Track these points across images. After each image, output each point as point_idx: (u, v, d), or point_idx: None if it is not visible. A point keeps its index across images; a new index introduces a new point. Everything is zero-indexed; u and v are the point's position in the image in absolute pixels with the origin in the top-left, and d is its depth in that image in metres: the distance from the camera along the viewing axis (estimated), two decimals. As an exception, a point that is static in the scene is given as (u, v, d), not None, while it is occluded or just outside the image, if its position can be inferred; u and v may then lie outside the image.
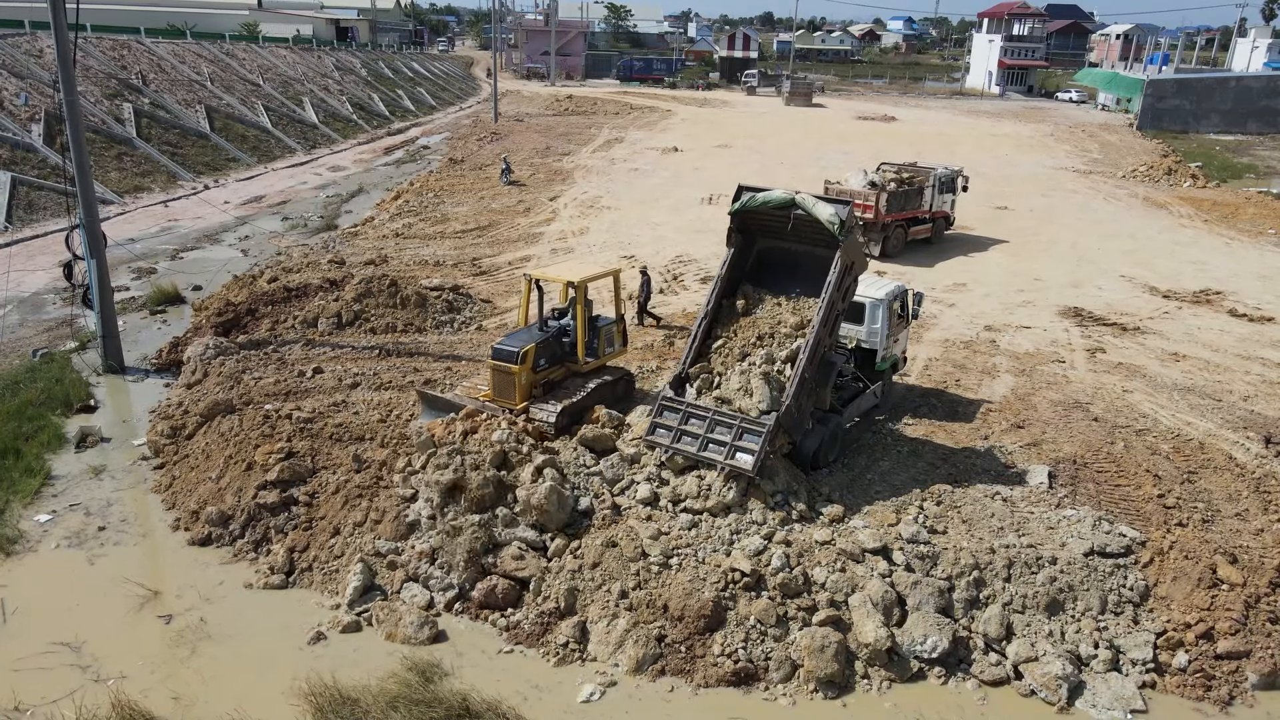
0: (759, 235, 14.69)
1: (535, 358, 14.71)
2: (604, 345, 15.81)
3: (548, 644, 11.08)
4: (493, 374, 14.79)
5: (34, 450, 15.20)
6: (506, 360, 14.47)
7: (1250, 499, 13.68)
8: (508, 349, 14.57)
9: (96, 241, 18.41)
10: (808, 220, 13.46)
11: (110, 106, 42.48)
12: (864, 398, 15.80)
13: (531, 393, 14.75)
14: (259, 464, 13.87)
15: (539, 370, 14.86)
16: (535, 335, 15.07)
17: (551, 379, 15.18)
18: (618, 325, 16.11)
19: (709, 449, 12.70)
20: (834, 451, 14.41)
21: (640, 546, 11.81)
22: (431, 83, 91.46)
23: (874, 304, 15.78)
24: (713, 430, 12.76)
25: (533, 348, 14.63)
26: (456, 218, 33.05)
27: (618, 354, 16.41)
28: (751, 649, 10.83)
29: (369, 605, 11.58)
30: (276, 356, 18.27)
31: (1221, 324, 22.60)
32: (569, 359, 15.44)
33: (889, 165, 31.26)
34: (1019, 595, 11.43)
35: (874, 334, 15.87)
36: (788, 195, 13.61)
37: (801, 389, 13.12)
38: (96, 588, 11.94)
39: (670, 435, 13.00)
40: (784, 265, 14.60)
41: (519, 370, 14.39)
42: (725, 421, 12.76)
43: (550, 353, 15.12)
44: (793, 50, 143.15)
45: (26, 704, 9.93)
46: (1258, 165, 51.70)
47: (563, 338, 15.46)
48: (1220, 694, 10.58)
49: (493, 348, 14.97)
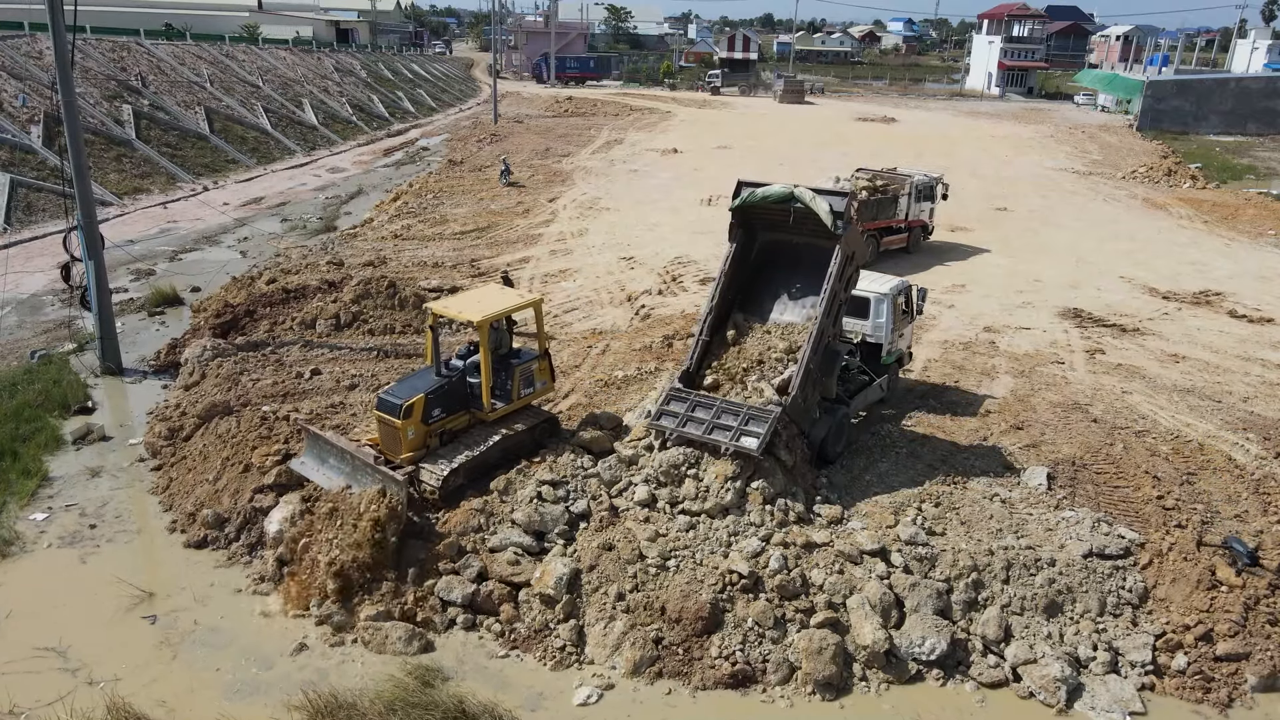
0: (761, 230, 14.86)
1: (426, 409, 12.81)
2: (519, 387, 13.73)
3: (544, 647, 11.06)
4: (379, 426, 13.04)
5: (31, 451, 15.18)
6: (390, 413, 12.64)
7: (1250, 500, 13.64)
8: (392, 400, 12.70)
9: (94, 243, 18.39)
10: (807, 213, 13.61)
11: (109, 108, 42.49)
12: (870, 390, 16.04)
13: (426, 443, 13.00)
14: (256, 466, 13.85)
15: (432, 421, 12.97)
16: (429, 382, 13.12)
17: (452, 428, 13.36)
18: (541, 361, 14.05)
19: (715, 433, 12.72)
20: (841, 443, 14.62)
21: (638, 548, 11.78)
22: (431, 84, 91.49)
23: (879, 299, 16.05)
24: (719, 417, 12.84)
25: (420, 399, 12.71)
26: (455, 219, 33.03)
27: (541, 394, 14.35)
28: (749, 651, 10.79)
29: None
30: (274, 358, 18.24)
31: (1221, 325, 22.56)
32: (476, 404, 13.54)
33: (863, 171, 30.32)
34: (1017, 597, 11.40)
35: (879, 328, 16.14)
36: (786, 189, 13.76)
37: (807, 379, 13.33)
38: (90, 589, 11.91)
39: (677, 420, 13.03)
40: (787, 258, 14.76)
41: (403, 425, 12.57)
42: (732, 410, 12.89)
43: (449, 400, 13.21)
44: (792, 52, 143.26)
45: (21, 707, 9.90)
46: (1258, 166, 51.66)
47: (470, 379, 13.53)
48: (1219, 696, 10.55)
49: (378, 397, 13.08)
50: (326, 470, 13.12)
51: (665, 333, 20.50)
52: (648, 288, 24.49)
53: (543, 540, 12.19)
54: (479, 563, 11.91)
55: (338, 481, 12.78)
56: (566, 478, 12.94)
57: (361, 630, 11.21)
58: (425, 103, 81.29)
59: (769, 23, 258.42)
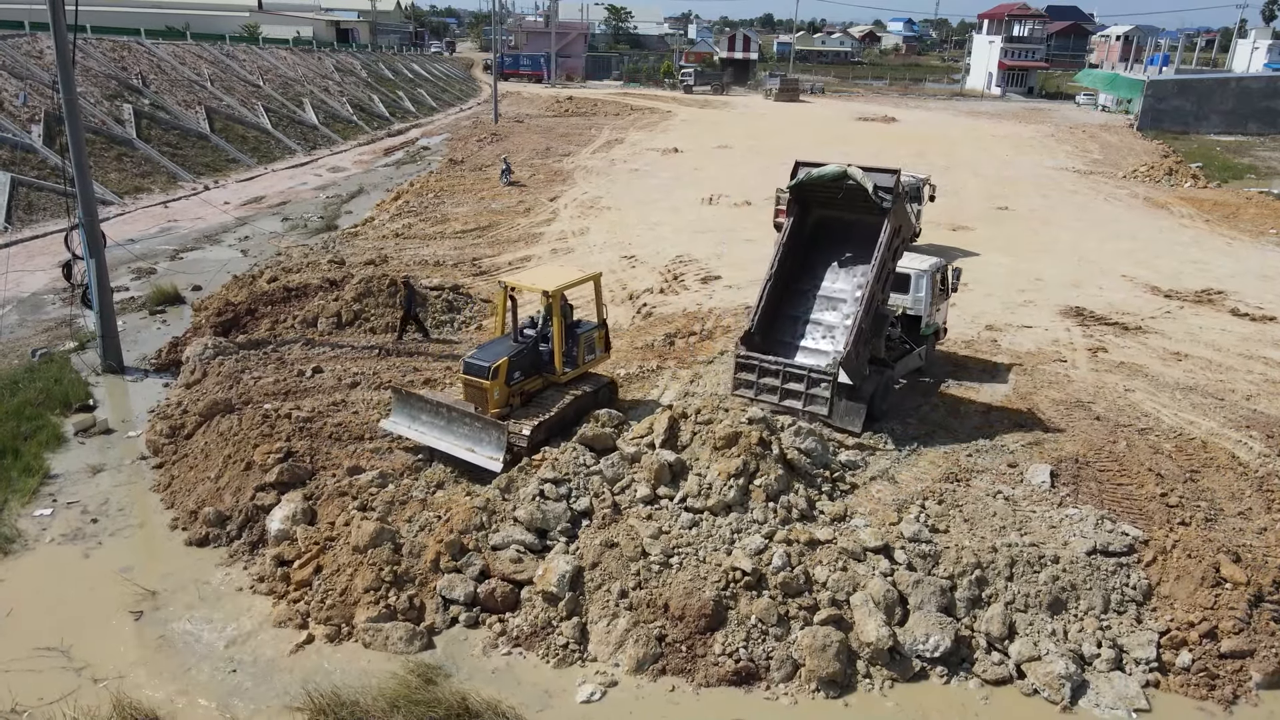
0: (815, 206, 16.29)
1: (509, 371, 14.19)
2: (584, 353, 15.24)
3: (547, 645, 11.03)
4: (465, 387, 14.34)
5: (33, 449, 15.15)
6: (478, 375, 13.99)
7: (1253, 498, 13.61)
8: (479, 364, 14.02)
9: (95, 241, 18.37)
10: (858, 190, 14.94)
11: (110, 107, 42.46)
12: (910, 358, 17.56)
13: (509, 403, 14.34)
14: (258, 464, 13.82)
15: (513, 383, 14.34)
16: (509, 348, 14.51)
17: (529, 390, 14.73)
18: (599, 331, 15.62)
19: (786, 400, 14.73)
20: (887, 401, 16.23)
21: (640, 545, 11.75)
22: (432, 84, 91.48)
23: (919, 275, 17.43)
24: (786, 383, 14.75)
25: (505, 362, 14.07)
26: (456, 218, 33.01)
27: (599, 360, 15.92)
28: (753, 648, 10.76)
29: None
30: (276, 356, 18.21)
31: (1224, 323, 22.53)
32: (547, 369, 14.88)
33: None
34: (1021, 594, 11.36)
35: (919, 302, 17.50)
36: (840, 169, 15.12)
37: (859, 337, 14.77)
38: (91, 587, 11.89)
39: (752, 390, 14.98)
40: (838, 233, 16.31)
41: (490, 385, 13.90)
42: (796, 374, 14.69)
43: (526, 364, 14.58)
44: (792, 51, 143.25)
45: (23, 706, 9.87)
46: (1258, 166, 51.62)
47: (540, 346, 14.88)
48: (1224, 693, 10.52)
49: (464, 361, 14.47)
50: (419, 426, 14.14)
51: (667, 331, 20.48)
52: (649, 286, 24.46)
53: (545, 538, 12.16)
54: (481, 561, 11.88)
55: (431, 436, 13.89)
56: (569, 475, 12.90)
57: (361, 632, 11.17)
58: (426, 102, 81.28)
59: (769, 23, 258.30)
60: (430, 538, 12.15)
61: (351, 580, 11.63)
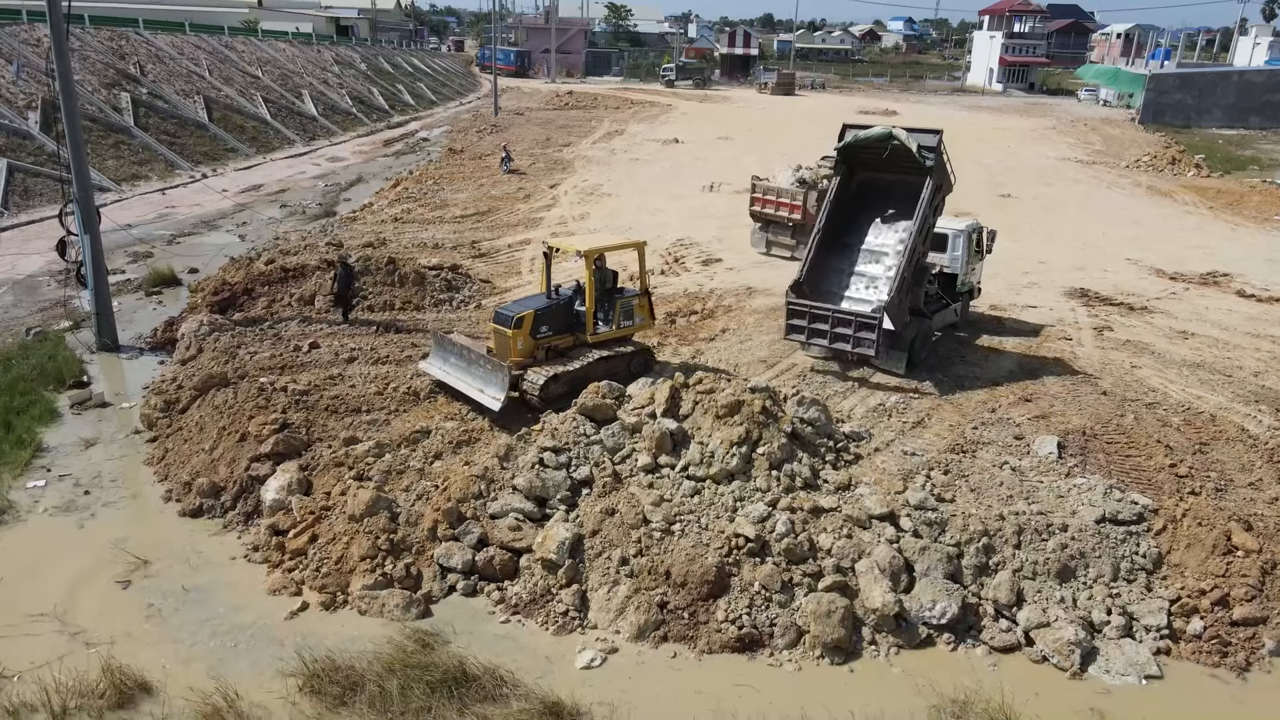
0: (859, 168, 17.34)
1: (535, 323, 14.83)
2: (620, 318, 15.64)
3: (547, 613, 10.82)
4: (493, 336, 15.17)
5: (25, 423, 14.94)
6: (503, 324, 14.82)
7: (1264, 469, 13.40)
8: (506, 314, 14.94)
9: (90, 217, 18.15)
10: (902, 151, 15.96)
11: (108, 95, 42.24)
12: (946, 312, 18.67)
13: (534, 354, 14.93)
14: (253, 435, 13.61)
15: (539, 337, 14.96)
16: (539, 302, 15.24)
17: (557, 346, 15.23)
18: (641, 299, 15.93)
19: (835, 344, 15.90)
20: (925, 349, 17.17)
21: (641, 513, 11.54)
22: (431, 78, 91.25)
23: (955, 235, 18.51)
24: (836, 327, 15.67)
25: (530, 314, 14.80)
26: (456, 204, 32.80)
27: (640, 328, 16.18)
28: (756, 615, 10.56)
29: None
30: (273, 333, 18.00)
31: (1230, 304, 22.31)
32: (579, 329, 15.36)
33: (828, 159, 29.81)
34: (1029, 562, 11.16)
35: (955, 260, 18.57)
36: (885, 130, 16.25)
37: (902, 286, 15.78)
38: (83, 557, 11.68)
39: (803, 335, 16.12)
40: (880, 193, 17.28)
41: (513, 335, 14.63)
42: (844, 319, 15.64)
43: (556, 320, 15.18)
44: (793, 49, 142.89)
45: (12, 670, 9.66)
46: (1261, 158, 51.32)
47: (575, 305, 15.40)
48: (1237, 660, 10.32)
49: (495, 311, 15.46)
50: (448, 367, 15.20)
51: (667, 310, 20.29)
52: (650, 268, 24.18)
53: (544, 506, 11.96)
54: (479, 529, 11.67)
55: (454, 376, 14.90)
56: (569, 444, 12.69)
57: (357, 600, 10.97)
58: (425, 96, 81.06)
59: (769, 23, 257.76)
60: (428, 506, 11.96)
61: (347, 549, 11.43)
